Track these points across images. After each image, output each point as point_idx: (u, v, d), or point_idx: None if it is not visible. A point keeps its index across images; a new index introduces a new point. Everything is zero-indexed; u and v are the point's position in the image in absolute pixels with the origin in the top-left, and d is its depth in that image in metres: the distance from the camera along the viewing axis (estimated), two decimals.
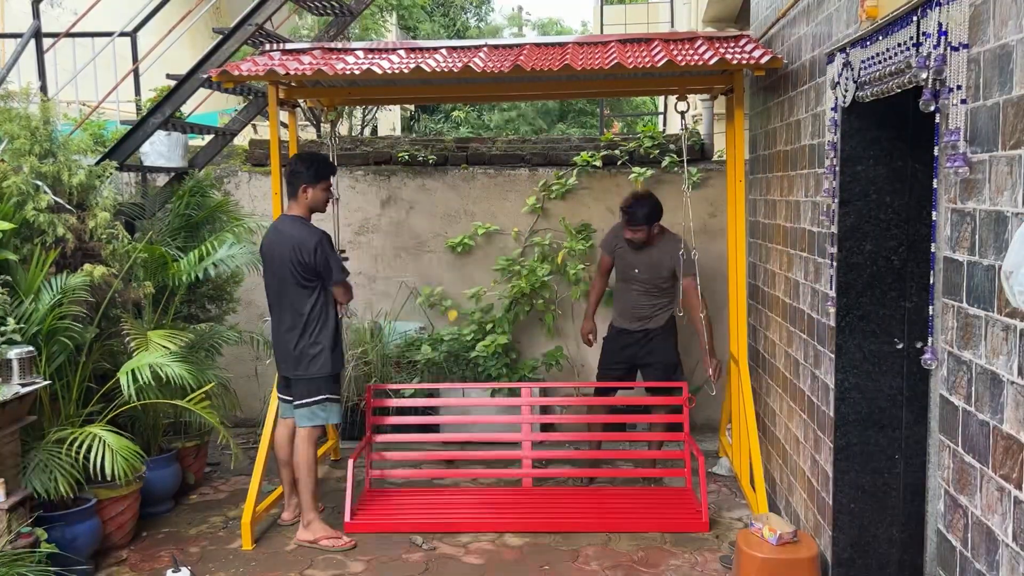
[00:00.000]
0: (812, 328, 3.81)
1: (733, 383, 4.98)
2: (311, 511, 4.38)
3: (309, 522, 4.39)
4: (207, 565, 4.18)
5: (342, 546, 4.31)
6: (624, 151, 6.32)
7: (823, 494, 3.65)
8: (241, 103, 6.08)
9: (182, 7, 7.50)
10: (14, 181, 4.06)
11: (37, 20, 5.30)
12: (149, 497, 4.62)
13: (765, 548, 3.59)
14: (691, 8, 11.35)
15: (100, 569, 4.15)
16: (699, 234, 6.05)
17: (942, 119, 2.44)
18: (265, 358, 6.00)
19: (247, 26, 5.00)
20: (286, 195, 4.50)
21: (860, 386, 3.41)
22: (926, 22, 2.50)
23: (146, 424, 4.74)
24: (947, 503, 2.49)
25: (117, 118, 6.21)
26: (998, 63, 2.15)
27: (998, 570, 2.17)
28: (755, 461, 4.42)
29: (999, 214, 2.15)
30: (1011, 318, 2.09)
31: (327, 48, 4.71)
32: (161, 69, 5.59)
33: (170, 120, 5.15)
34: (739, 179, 4.75)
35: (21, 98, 4.48)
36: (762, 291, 4.94)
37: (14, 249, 4.08)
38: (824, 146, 3.53)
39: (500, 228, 6.37)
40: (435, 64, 4.20)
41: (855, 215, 3.36)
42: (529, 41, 4.82)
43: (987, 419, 2.22)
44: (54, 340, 4.07)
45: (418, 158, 6.46)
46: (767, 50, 4.21)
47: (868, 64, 2.95)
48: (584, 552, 4.26)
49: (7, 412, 3.63)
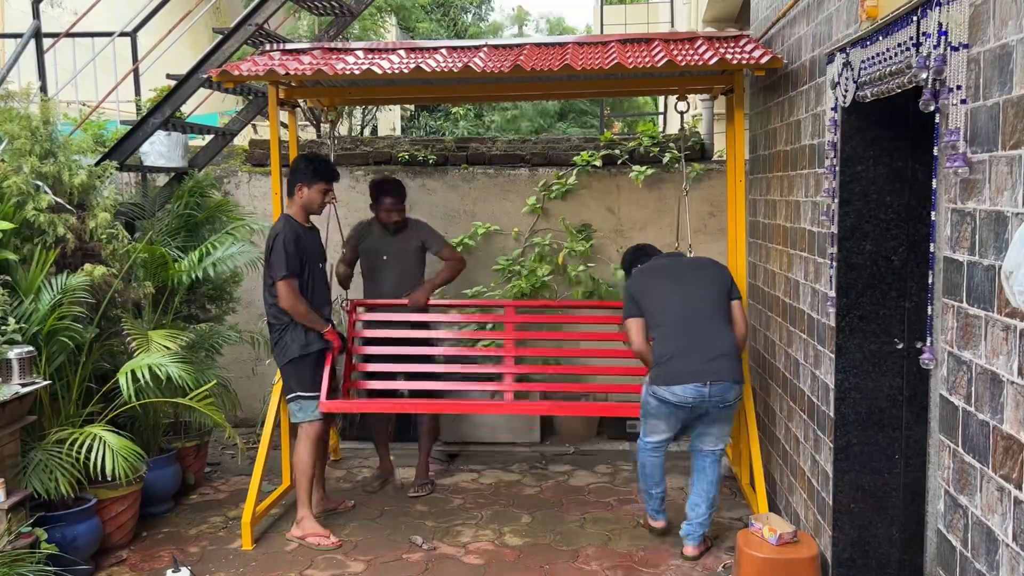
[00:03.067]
0: (812, 328, 3.81)
1: None
2: (303, 507, 4.43)
3: (300, 519, 4.42)
4: (207, 565, 4.18)
5: (328, 545, 4.33)
6: (624, 150, 6.32)
7: (823, 494, 3.65)
8: (241, 103, 6.08)
9: (182, 7, 7.50)
10: (14, 181, 4.06)
11: (37, 20, 5.31)
12: (149, 497, 4.62)
13: (765, 548, 3.59)
14: (691, 8, 11.36)
15: (100, 569, 4.15)
16: (699, 234, 6.05)
17: (942, 119, 2.44)
18: (265, 358, 6.02)
19: (247, 26, 5.01)
20: (286, 194, 4.52)
21: (860, 386, 3.41)
22: (926, 22, 2.50)
23: (146, 424, 4.74)
24: (947, 503, 2.49)
25: (117, 118, 6.22)
26: (998, 63, 2.15)
27: (998, 570, 2.18)
28: (755, 461, 4.42)
29: (999, 214, 2.15)
30: (1011, 318, 2.09)
31: (327, 48, 4.71)
32: (161, 69, 5.59)
33: (170, 120, 5.15)
34: (739, 179, 4.75)
35: (22, 98, 4.48)
36: (762, 291, 4.94)
37: (14, 249, 4.08)
38: (824, 146, 3.53)
39: (500, 228, 6.37)
40: (435, 64, 4.20)
41: (855, 215, 3.36)
42: (529, 41, 4.82)
43: (987, 419, 2.22)
44: (54, 340, 4.07)
45: (418, 158, 6.46)
46: (767, 50, 4.20)
47: (868, 64, 2.95)
48: (584, 552, 4.26)
49: (7, 412, 3.63)
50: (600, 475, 5.42)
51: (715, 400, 3.92)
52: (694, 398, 3.90)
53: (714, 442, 4.13)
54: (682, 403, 3.93)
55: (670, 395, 3.93)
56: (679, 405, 3.95)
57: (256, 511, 4.47)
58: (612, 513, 4.77)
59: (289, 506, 4.88)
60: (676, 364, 3.93)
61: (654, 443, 4.16)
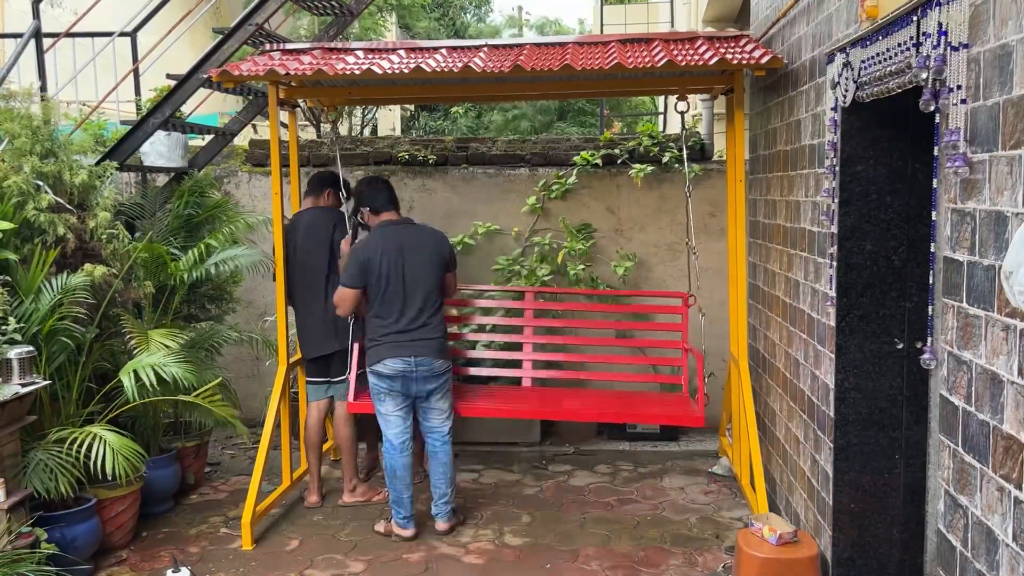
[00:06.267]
0: (812, 328, 3.81)
1: (733, 383, 4.98)
2: (354, 478, 4.94)
3: (355, 487, 4.92)
4: (207, 565, 4.19)
5: (383, 499, 4.83)
6: (624, 150, 6.32)
7: (823, 494, 3.65)
8: (241, 103, 6.08)
9: (182, 7, 7.50)
10: (15, 181, 4.06)
11: (37, 20, 5.30)
12: (149, 497, 4.62)
13: (765, 548, 3.59)
14: (691, 8, 11.36)
15: (100, 569, 4.15)
16: (699, 234, 6.05)
17: (942, 119, 2.44)
18: (265, 358, 6.02)
19: (247, 26, 5.01)
20: (306, 193, 4.97)
21: (860, 386, 3.41)
22: (926, 22, 2.50)
23: (146, 424, 4.74)
24: (947, 503, 2.49)
25: (117, 118, 6.21)
26: (998, 63, 2.15)
27: (998, 570, 2.18)
28: (755, 461, 4.42)
29: (999, 214, 2.15)
30: (1011, 318, 2.09)
31: (327, 48, 4.71)
32: (161, 69, 5.59)
33: (170, 120, 5.15)
34: (739, 179, 4.75)
35: (23, 98, 4.48)
36: (762, 291, 4.94)
37: (14, 249, 4.08)
38: (824, 146, 3.53)
39: (500, 228, 6.37)
40: (435, 64, 4.20)
41: (855, 215, 3.37)
42: (529, 41, 4.82)
43: (987, 419, 2.22)
44: (54, 340, 4.07)
45: (418, 158, 6.46)
46: (767, 50, 4.20)
47: (868, 64, 2.96)
48: (584, 552, 4.26)
49: (7, 412, 3.63)
50: (600, 475, 5.42)
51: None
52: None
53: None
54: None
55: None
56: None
57: (256, 511, 4.47)
58: (612, 513, 4.77)
59: (289, 506, 4.90)
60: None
61: None
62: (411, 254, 4.31)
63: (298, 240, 4.78)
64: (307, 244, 4.77)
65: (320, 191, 4.95)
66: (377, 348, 4.28)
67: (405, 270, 4.29)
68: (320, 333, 4.74)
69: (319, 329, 4.74)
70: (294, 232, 4.81)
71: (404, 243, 4.33)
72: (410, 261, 4.30)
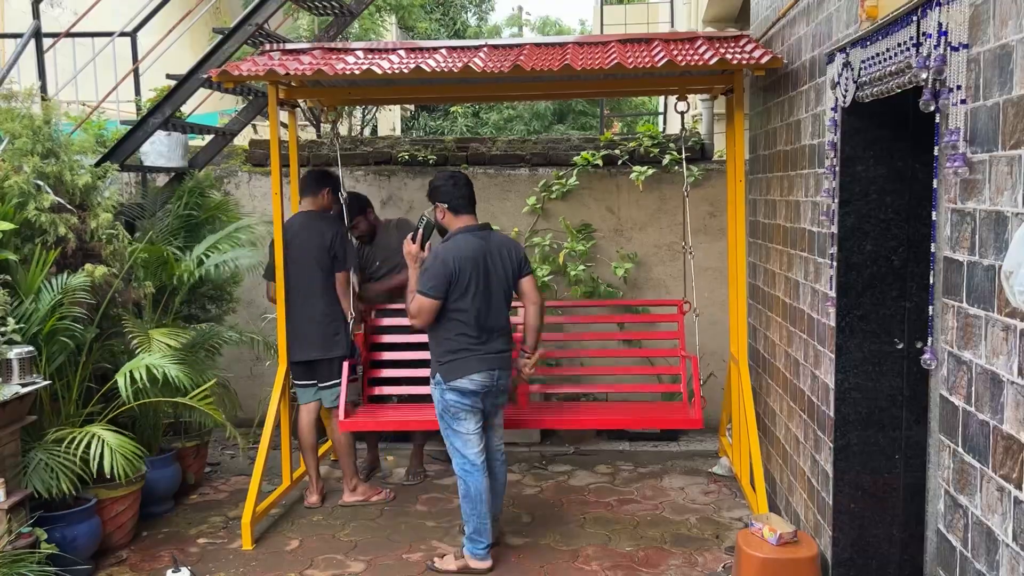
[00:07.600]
0: (812, 328, 3.81)
1: (733, 383, 4.98)
2: (354, 477, 4.96)
3: (355, 486, 4.94)
4: (207, 565, 4.19)
5: (383, 498, 4.95)
6: (624, 151, 6.32)
7: (823, 494, 3.65)
8: (241, 103, 6.08)
9: (182, 7, 7.51)
10: (15, 181, 4.06)
11: (37, 20, 5.31)
12: (149, 497, 4.62)
13: (765, 548, 3.59)
14: (691, 8, 11.36)
15: (100, 569, 4.15)
16: (699, 234, 6.06)
17: (942, 119, 2.44)
18: (265, 358, 6.02)
19: (247, 26, 5.01)
20: (303, 194, 4.91)
21: (860, 386, 3.41)
22: (926, 22, 2.50)
23: (146, 424, 4.74)
24: (947, 503, 2.49)
25: (117, 118, 6.22)
26: (998, 63, 2.15)
27: (998, 570, 2.18)
28: (755, 461, 4.42)
29: (999, 214, 2.15)
30: (1011, 318, 2.09)
31: (327, 48, 4.71)
32: (161, 69, 5.59)
33: (170, 120, 5.15)
34: (739, 179, 4.75)
35: (24, 98, 4.48)
36: (762, 291, 4.94)
37: (15, 249, 4.08)
38: (824, 146, 3.53)
39: (500, 228, 6.37)
40: (435, 64, 4.20)
41: (855, 215, 3.36)
42: (529, 41, 4.82)
43: (987, 419, 2.22)
44: (54, 340, 4.07)
45: (418, 158, 6.46)
46: (767, 50, 4.21)
47: (868, 64, 2.96)
48: (584, 552, 4.26)
49: (7, 412, 3.63)
50: (600, 475, 5.42)
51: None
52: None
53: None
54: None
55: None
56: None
57: (256, 511, 4.47)
58: (612, 513, 4.77)
59: (289, 506, 4.90)
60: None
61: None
62: (494, 264, 4.05)
63: (288, 246, 4.73)
64: (295, 252, 4.72)
65: (317, 191, 4.90)
66: (464, 361, 3.96)
67: (490, 281, 4.02)
68: (304, 338, 4.76)
69: (304, 334, 4.75)
70: (284, 237, 4.74)
71: (489, 252, 4.04)
72: (494, 272, 4.05)
